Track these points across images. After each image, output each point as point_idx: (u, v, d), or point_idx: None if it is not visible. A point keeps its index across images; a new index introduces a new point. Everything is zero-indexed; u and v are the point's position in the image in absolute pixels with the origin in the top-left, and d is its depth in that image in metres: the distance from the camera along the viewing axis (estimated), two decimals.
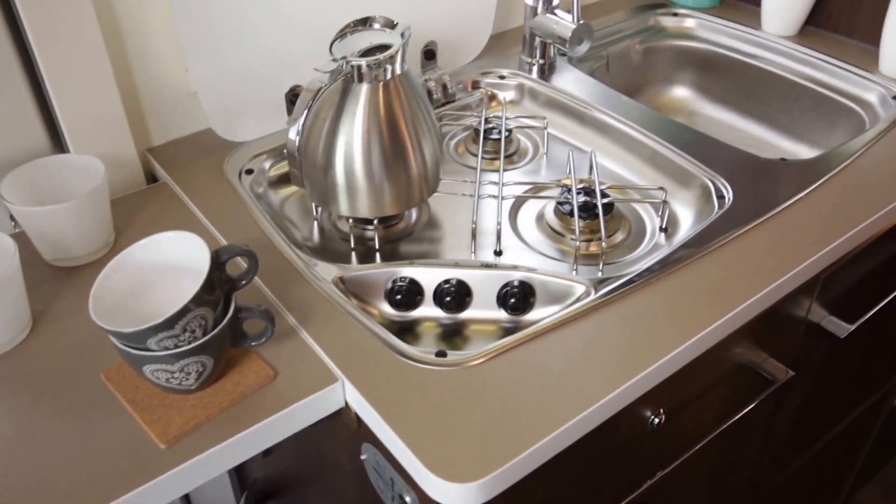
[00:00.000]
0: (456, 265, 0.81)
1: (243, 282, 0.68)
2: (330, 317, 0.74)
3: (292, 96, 0.99)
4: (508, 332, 0.77)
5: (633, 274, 0.78)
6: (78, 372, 0.69)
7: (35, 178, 0.80)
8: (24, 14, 0.78)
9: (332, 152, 0.81)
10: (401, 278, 0.80)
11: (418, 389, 0.66)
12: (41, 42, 0.81)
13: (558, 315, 0.74)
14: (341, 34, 0.83)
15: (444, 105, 1.10)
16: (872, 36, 1.18)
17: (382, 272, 0.81)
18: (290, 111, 0.99)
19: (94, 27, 0.83)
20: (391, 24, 0.84)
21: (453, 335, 0.79)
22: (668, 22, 1.34)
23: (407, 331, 0.79)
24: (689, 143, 0.97)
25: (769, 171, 0.93)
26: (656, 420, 0.78)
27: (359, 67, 0.79)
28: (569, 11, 1.07)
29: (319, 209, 0.93)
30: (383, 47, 0.80)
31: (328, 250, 0.89)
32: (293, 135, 0.83)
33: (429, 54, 1.10)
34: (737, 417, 0.93)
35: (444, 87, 1.09)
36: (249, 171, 0.95)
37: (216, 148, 0.97)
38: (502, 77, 1.14)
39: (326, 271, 0.79)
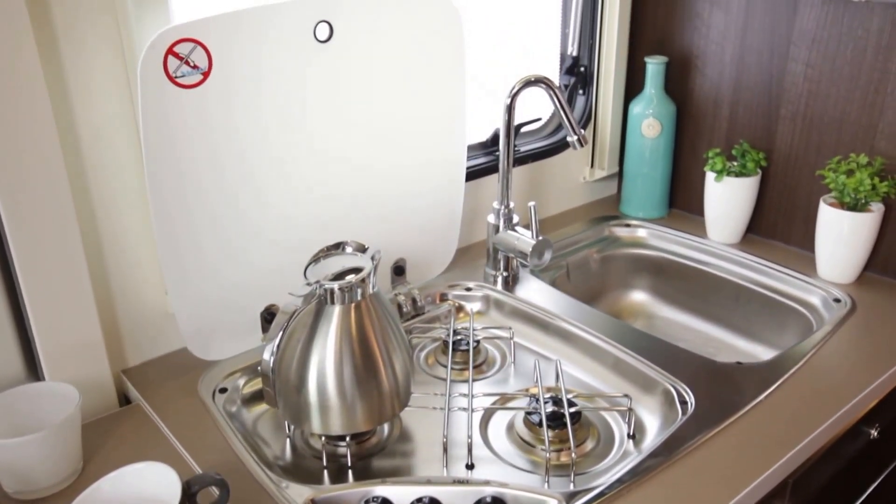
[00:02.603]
0: (428, 482, 0.81)
1: None
2: None
3: (267, 314, 1.03)
4: None
5: (604, 486, 0.79)
6: None
7: (6, 408, 0.81)
8: (12, 239, 0.83)
9: (306, 372, 0.84)
10: (373, 498, 0.80)
11: None
12: (26, 269, 0.84)
13: None
14: (315, 259, 0.89)
15: (413, 318, 1.14)
16: (807, 243, 1.28)
17: (355, 492, 0.80)
18: (264, 329, 1.03)
19: (79, 255, 0.88)
20: (362, 249, 0.90)
21: None
22: (621, 232, 1.44)
23: None
24: (650, 348, 1.02)
25: (727, 375, 0.97)
26: None
27: (331, 291, 0.84)
28: (527, 227, 1.16)
29: (292, 427, 0.93)
30: (355, 270, 0.86)
31: (300, 469, 0.88)
32: (268, 355, 0.86)
33: (398, 270, 1.16)
34: None
35: (414, 300, 1.15)
36: (223, 390, 0.96)
37: (191, 367, 0.99)
38: (469, 289, 1.20)
39: (298, 493, 0.79)
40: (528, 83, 1.11)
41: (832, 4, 1.17)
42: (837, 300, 1.15)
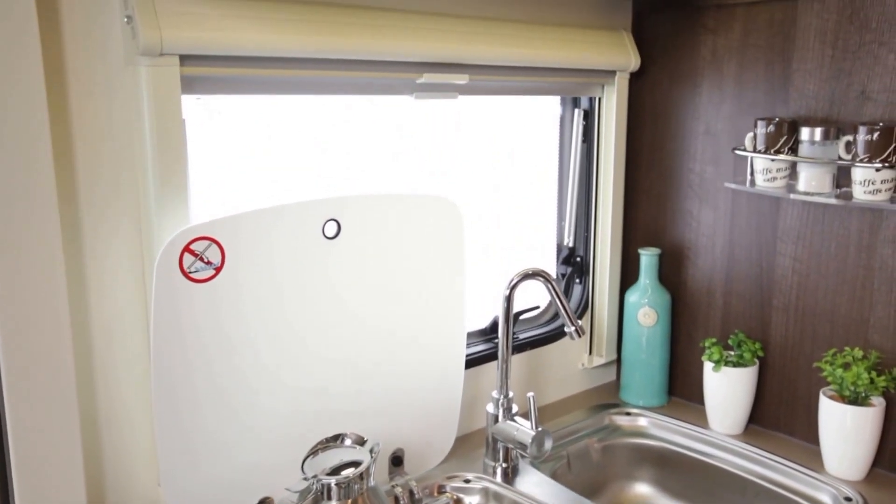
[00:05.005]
0: None
1: None
2: None
3: None
4: None
5: None
6: None
7: None
8: (10, 417, 0.82)
9: None
10: None
11: None
12: (20, 452, 0.83)
13: None
14: (313, 451, 0.88)
15: None
16: (811, 435, 1.26)
17: None
18: None
19: (76, 445, 0.86)
20: (361, 441, 0.89)
21: None
22: (622, 421, 1.42)
23: None
24: None
25: None
26: None
27: (328, 486, 0.82)
28: (527, 416, 1.14)
29: None
30: (353, 464, 0.84)
31: None
32: None
33: (396, 461, 1.14)
34: None
35: (411, 492, 1.11)
36: None
37: None
38: (467, 481, 1.17)
39: None
40: (526, 276, 1.15)
41: (812, 206, 1.24)
42: (848, 499, 1.12)
